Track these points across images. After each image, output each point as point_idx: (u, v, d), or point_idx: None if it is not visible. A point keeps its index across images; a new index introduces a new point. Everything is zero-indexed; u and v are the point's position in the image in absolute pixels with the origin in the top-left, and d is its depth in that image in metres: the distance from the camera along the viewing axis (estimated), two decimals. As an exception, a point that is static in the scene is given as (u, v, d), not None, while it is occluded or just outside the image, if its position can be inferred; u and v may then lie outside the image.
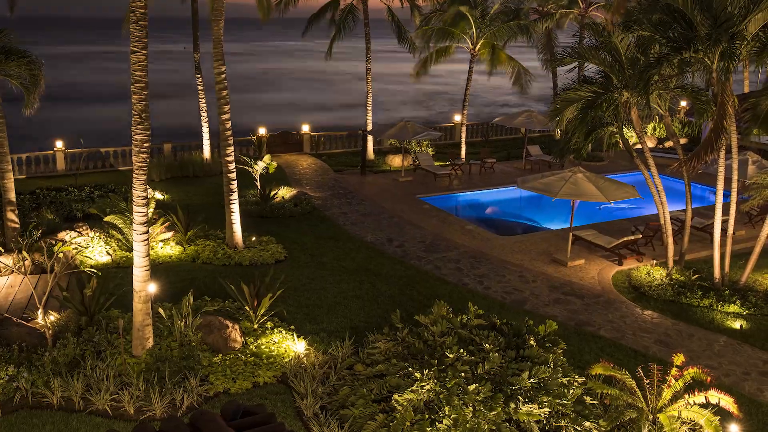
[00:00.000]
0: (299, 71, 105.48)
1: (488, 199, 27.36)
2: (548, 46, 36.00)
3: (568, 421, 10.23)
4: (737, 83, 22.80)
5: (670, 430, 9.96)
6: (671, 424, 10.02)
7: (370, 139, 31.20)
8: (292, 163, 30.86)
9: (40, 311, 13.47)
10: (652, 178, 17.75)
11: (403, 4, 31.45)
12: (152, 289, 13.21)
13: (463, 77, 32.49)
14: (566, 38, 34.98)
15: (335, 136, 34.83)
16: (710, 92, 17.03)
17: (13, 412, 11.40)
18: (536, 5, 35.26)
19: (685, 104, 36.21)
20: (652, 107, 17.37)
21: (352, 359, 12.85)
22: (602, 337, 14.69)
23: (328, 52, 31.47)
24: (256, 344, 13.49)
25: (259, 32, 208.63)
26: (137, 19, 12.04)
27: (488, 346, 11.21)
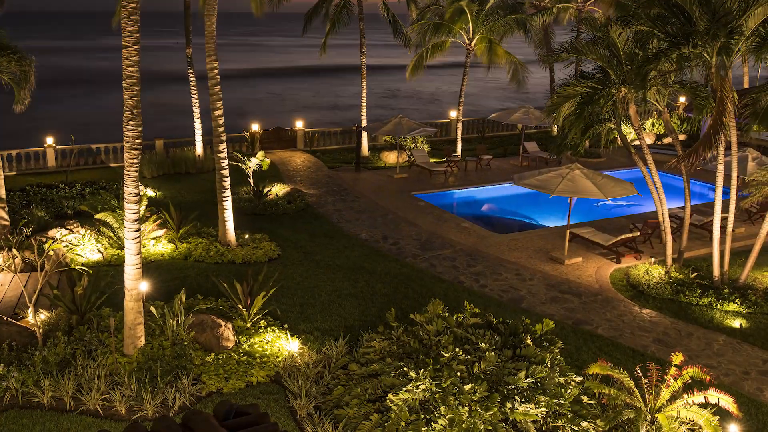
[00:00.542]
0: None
1: (484, 196, 27.21)
2: (545, 41, 35.84)
3: (565, 421, 10.11)
4: (737, 78, 22.68)
5: (668, 430, 9.84)
6: (670, 424, 9.90)
7: (364, 135, 31.00)
8: (285, 159, 30.65)
9: (30, 310, 13.32)
10: (650, 174, 17.63)
11: (398, -1, 31.27)
12: (144, 287, 13.03)
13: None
14: (563, 35, 34.84)
15: (329, 132, 34.64)
16: (709, 88, 16.91)
17: (2, 412, 11.27)
18: (534, 0, 35.07)
19: (683, 100, 36.11)
20: (650, 103, 17.25)
21: (346, 358, 12.71)
22: (600, 336, 14.55)
23: (322, 47, 31.22)
24: (249, 343, 13.33)
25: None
26: (129, 13, 11.88)
27: (484, 345, 11.06)
